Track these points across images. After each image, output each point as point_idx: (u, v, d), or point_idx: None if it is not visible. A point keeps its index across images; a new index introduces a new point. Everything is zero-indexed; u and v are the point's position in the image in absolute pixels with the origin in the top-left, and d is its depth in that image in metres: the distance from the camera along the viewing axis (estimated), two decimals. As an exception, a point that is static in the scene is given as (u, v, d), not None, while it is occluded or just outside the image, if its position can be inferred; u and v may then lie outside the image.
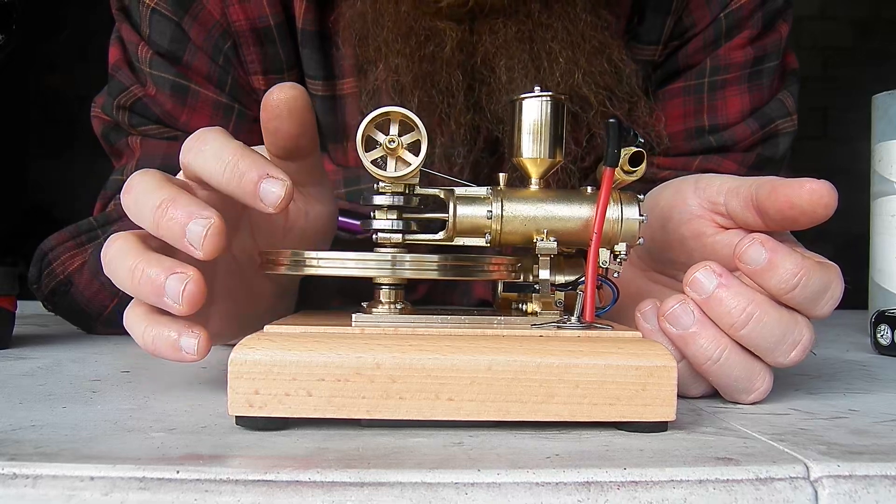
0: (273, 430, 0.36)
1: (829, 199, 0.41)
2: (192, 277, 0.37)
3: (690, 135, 0.71)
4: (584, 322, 0.41)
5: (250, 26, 0.67)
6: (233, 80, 0.68)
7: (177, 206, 0.38)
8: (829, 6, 2.98)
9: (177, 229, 0.37)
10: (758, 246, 0.40)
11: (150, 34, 0.68)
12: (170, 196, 0.38)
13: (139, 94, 0.69)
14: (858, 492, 0.31)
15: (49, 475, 0.30)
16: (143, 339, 0.39)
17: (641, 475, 0.31)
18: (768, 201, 0.42)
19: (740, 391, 0.43)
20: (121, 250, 0.39)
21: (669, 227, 0.47)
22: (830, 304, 0.42)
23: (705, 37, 0.71)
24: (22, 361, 0.54)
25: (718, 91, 0.71)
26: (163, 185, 0.39)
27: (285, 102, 0.42)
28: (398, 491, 0.30)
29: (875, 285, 0.73)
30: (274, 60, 0.68)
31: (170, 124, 0.69)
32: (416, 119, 0.42)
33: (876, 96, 0.75)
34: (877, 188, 0.74)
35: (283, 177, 0.38)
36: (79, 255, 0.66)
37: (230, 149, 0.39)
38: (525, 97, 0.44)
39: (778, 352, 0.41)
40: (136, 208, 0.40)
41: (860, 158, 0.81)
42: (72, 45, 2.27)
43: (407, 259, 0.40)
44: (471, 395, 0.36)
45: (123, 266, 0.38)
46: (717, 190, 0.45)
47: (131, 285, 0.38)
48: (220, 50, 0.67)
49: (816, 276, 0.41)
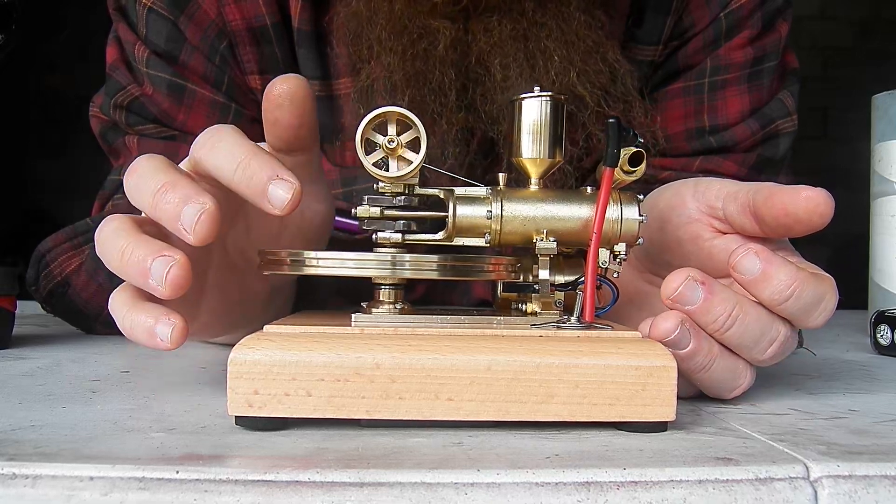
0: (272, 430, 0.36)
1: (824, 208, 0.41)
2: (177, 261, 0.37)
3: (691, 135, 0.71)
4: (583, 322, 0.41)
5: (246, 26, 0.66)
6: (229, 79, 0.68)
7: (175, 189, 0.38)
8: (829, 6, 2.98)
9: (172, 211, 0.37)
10: (752, 256, 0.40)
11: (147, 34, 0.67)
12: (171, 180, 0.38)
13: (136, 93, 0.69)
14: (858, 492, 0.31)
15: (48, 475, 0.30)
16: (122, 323, 0.39)
17: (641, 475, 0.31)
18: (764, 207, 0.42)
19: (724, 390, 0.43)
20: (113, 231, 0.39)
21: (667, 229, 0.47)
22: (824, 316, 0.42)
23: (705, 37, 0.70)
24: (22, 361, 0.54)
25: (718, 91, 0.71)
26: (166, 169, 0.39)
27: (287, 93, 0.42)
28: (398, 491, 0.30)
29: (875, 285, 0.73)
30: (270, 60, 0.67)
31: (167, 123, 0.68)
32: (413, 116, 0.42)
33: (876, 96, 0.75)
34: (877, 188, 0.74)
35: (292, 179, 0.38)
36: (76, 256, 0.66)
37: (243, 147, 0.40)
38: (525, 97, 0.44)
39: (756, 349, 0.41)
40: (136, 190, 0.40)
41: (860, 158, 0.81)
42: (72, 45, 2.27)
43: (406, 259, 0.40)
44: (470, 395, 0.36)
45: (114, 246, 0.38)
46: (715, 194, 0.45)
47: (119, 265, 0.38)
48: (216, 50, 0.67)
49: (810, 288, 0.40)
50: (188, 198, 0.37)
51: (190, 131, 0.68)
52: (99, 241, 0.40)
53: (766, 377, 0.49)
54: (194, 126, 0.68)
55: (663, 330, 0.40)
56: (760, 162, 0.72)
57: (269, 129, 0.44)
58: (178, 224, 0.37)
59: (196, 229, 0.37)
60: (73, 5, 2.23)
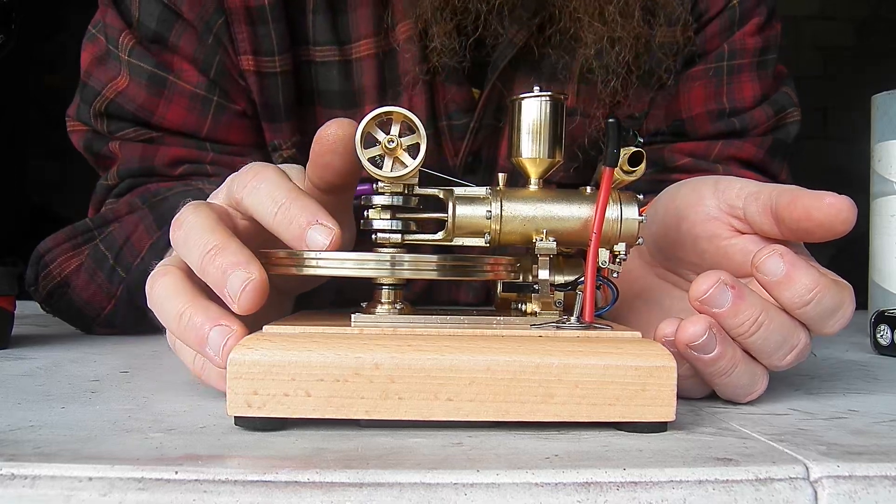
0: (272, 430, 0.36)
1: (847, 215, 0.41)
2: (234, 332, 0.37)
3: (713, 117, 0.73)
4: (583, 322, 0.41)
5: (244, 3, 0.66)
6: (219, 63, 0.67)
7: (224, 254, 0.38)
8: (829, 6, 2.98)
9: (220, 278, 0.38)
10: (776, 258, 0.40)
11: (140, 15, 0.67)
12: (220, 243, 0.39)
13: (111, 94, 0.68)
14: (858, 492, 0.31)
15: (48, 475, 0.29)
16: (193, 365, 0.41)
17: (641, 475, 0.31)
18: (787, 210, 0.42)
19: (741, 395, 0.43)
20: (168, 289, 0.40)
21: (684, 226, 0.47)
22: (840, 324, 0.42)
23: (721, 22, 0.72)
24: (21, 362, 0.54)
25: (735, 75, 0.73)
26: (215, 228, 0.40)
27: (342, 140, 0.42)
28: (397, 491, 0.30)
29: (875, 285, 0.73)
30: (264, 41, 0.66)
31: (145, 119, 0.68)
32: (417, 121, 0.42)
33: (876, 96, 0.75)
34: (876, 188, 0.74)
35: (331, 224, 0.39)
36: (75, 256, 0.66)
37: (283, 191, 0.40)
38: (524, 97, 0.44)
39: (776, 356, 0.41)
40: (185, 246, 0.40)
41: (860, 158, 0.81)
42: (72, 45, 2.27)
43: (406, 259, 0.40)
44: (470, 395, 0.36)
45: (171, 308, 0.39)
46: (736, 193, 0.45)
47: (177, 328, 0.39)
48: (211, 28, 0.66)
49: (830, 294, 0.40)
50: (237, 265, 0.38)
51: (168, 126, 0.68)
52: (153, 297, 0.41)
53: (766, 377, 0.49)
54: (173, 120, 0.68)
55: (691, 334, 0.39)
56: (776, 144, 0.74)
57: (317, 171, 0.44)
58: (225, 290, 0.38)
59: (241, 299, 0.38)
60: (73, 5, 2.23)
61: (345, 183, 0.44)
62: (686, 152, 0.72)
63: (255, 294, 0.38)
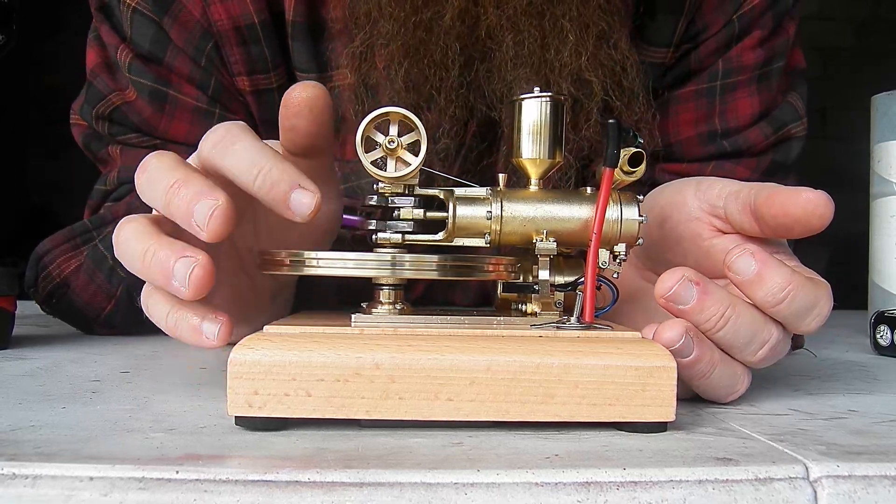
0: (272, 430, 0.36)
1: (823, 210, 0.41)
2: (199, 262, 0.37)
3: (703, 139, 0.70)
4: (583, 322, 0.41)
5: (233, 25, 0.64)
6: (216, 82, 0.66)
7: (187, 185, 0.38)
8: (829, 6, 2.98)
9: (185, 208, 0.37)
10: (748, 257, 0.40)
11: (132, 35, 0.66)
12: (183, 176, 0.38)
13: (117, 102, 0.67)
14: (858, 492, 0.31)
15: (48, 475, 0.30)
16: (165, 321, 0.39)
17: (641, 475, 0.31)
18: (764, 207, 0.42)
19: (722, 395, 0.43)
20: (133, 232, 0.39)
21: (667, 227, 0.47)
22: (817, 321, 0.41)
23: (718, 40, 0.69)
24: (21, 362, 0.54)
25: (729, 94, 0.69)
26: (177, 166, 0.39)
27: (307, 101, 0.42)
28: (397, 491, 0.30)
29: (874, 286, 0.73)
30: (258, 60, 0.65)
31: (149, 132, 0.67)
32: (416, 119, 0.42)
33: (876, 96, 0.75)
34: (876, 189, 0.74)
35: (313, 188, 0.38)
36: (74, 257, 0.66)
37: (262, 153, 0.39)
38: (525, 97, 0.44)
39: (747, 350, 0.41)
40: (148, 187, 0.40)
41: (860, 158, 0.81)
42: (72, 45, 2.27)
43: (406, 259, 0.40)
44: (470, 395, 0.36)
45: (135, 249, 0.38)
46: (717, 193, 0.45)
47: (141, 267, 0.38)
48: (202, 51, 0.65)
49: (804, 292, 0.40)
50: (201, 194, 0.37)
51: (172, 139, 0.67)
52: (118, 242, 0.40)
53: (765, 378, 0.49)
54: (177, 134, 0.67)
55: (667, 339, 0.39)
56: (773, 166, 0.71)
57: (285, 134, 0.43)
58: (192, 220, 0.37)
59: (209, 226, 0.37)
60: (73, 5, 2.23)
61: (315, 145, 0.44)
62: (675, 173, 0.69)
63: (223, 219, 0.37)
